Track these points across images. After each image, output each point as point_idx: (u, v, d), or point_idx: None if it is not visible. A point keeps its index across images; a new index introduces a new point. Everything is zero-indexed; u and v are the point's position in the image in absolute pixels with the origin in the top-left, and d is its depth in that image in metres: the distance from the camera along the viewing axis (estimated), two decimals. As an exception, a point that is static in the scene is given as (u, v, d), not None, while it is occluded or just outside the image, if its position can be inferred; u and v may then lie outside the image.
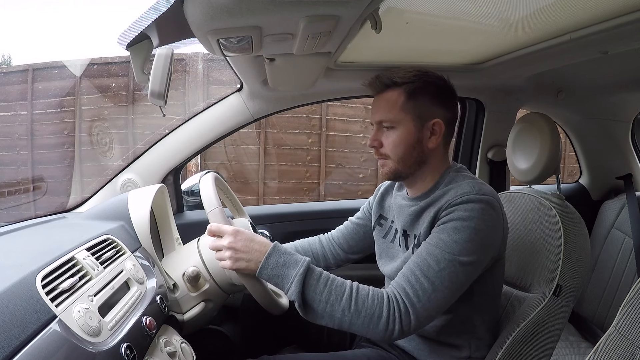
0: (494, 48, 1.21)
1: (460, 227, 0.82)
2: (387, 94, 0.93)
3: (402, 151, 0.92)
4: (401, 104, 0.90)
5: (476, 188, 0.86)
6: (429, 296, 0.80)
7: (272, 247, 0.84)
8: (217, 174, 1.06)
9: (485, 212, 0.83)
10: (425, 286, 0.80)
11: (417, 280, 0.81)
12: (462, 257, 0.81)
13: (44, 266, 0.69)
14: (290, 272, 0.81)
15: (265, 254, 0.82)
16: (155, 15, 0.67)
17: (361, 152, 3.85)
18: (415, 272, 0.82)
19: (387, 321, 0.79)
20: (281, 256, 0.82)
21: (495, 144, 1.63)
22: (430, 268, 0.81)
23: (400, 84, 0.91)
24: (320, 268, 0.84)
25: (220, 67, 3.33)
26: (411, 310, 0.80)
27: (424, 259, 0.83)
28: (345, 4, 0.67)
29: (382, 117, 0.93)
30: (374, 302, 0.80)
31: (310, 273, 0.81)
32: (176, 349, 0.85)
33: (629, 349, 0.66)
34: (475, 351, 0.95)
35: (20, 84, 3.28)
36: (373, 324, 0.79)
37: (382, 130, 0.94)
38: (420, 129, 0.91)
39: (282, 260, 0.82)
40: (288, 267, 0.81)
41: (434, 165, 0.95)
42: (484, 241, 0.83)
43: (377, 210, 1.10)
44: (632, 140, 1.80)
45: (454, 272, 0.81)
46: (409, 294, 0.81)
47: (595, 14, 0.90)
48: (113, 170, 1.40)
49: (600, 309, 1.58)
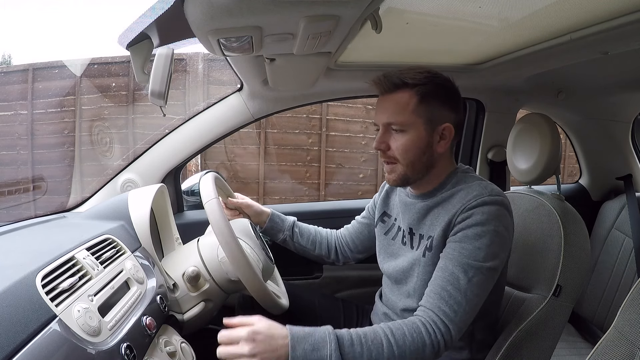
0: (494, 48, 1.21)
1: (481, 233, 0.83)
2: (397, 94, 0.89)
3: (412, 156, 0.89)
4: (413, 107, 0.87)
5: (488, 189, 0.86)
6: (464, 308, 0.81)
7: (290, 336, 0.75)
8: (217, 174, 1.06)
9: (500, 212, 0.84)
10: (459, 299, 0.81)
11: (450, 295, 0.82)
12: (487, 263, 0.82)
13: (43, 266, 0.69)
14: (323, 353, 0.74)
15: (290, 347, 0.74)
16: (155, 15, 0.67)
17: (361, 152, 3.85)
18: (446, 287, 0.83)
19: (432, 345, 0.79)
20: (305, 341, 0.75)
21: (495, 145, 1.63)
22: (460, 281, 0.82)
23: (412, 86, 0.88)
24: (345, 329, 0.78)
25: (220, 67, 3.33)
26: (451, 326, 0.81)
27: (451, 272, 0.83)
28: (345, 4, 0.67)
29: (392, 119, 0.89)
30: (413, 337, 0.79)
31: (342, 343, 0.75)
32: (176, 349, 0.85)
33: (629, 349, 0.66)
34: (475, 352, 0.95)
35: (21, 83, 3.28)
36: (419, 355, 0.79)
37: (390, 133, 0.91)
38: (430, 134, 0.89)
39: (309, 346, 0.74)
40: (318, 349, 0.74)
41: (441, 168, 0.94)
42: (502, 242, 0.85)
43: (381, 207, 1.10)
44: (632, 141, 1.80)
45: (482, 279, 0.82)
46: (445, 311, 0.81)
47: (595, 14, 0.90)
48: (113, 170, 1.40)
49: (600, 309, 1.58)
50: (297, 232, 1.23)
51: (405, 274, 0.96)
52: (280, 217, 1.24)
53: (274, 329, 0.76)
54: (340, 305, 1.21)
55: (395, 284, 1.01)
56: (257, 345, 0.73)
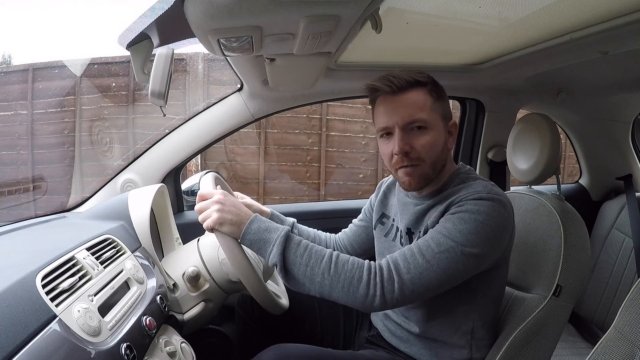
0: (494, 48, 1.21)
1: (467, 219, 0.81)
2: (412, 93, 0.87)
3: (436, 154, 0.88)
4: (431, 104, 0.87)
5: (488, 188, 0.86)
6: (421, 272, 0.79)
7: (254, 215, 0.86)
8: (217, 174, 1.06)
9: (494, 209, 0.82)
10: (420, 262, 0.80)
11: (412, 255, 0.81)
12: (465, 248, 0.80)
13: (44, 266, 0.69)
14: (271, 235, 0.82)
15: (250, 219, 0.84)
16: (155, 15, 0.67)
17: (361, 152, 3.85)
18: (412, 249, 0.82)
19: (368, 286, 0.79)
20: (263, 222, 0.85)
21: (495, 144, 1.63)
22: (429, 248, 0.81)
23: (424, 84, 0.88)
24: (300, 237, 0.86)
25: (220, 67, 3.33)
26: (396, 279, 0.79)
27: (425, 240, 0.82)
28: (345, 4, 0.67)
29: (416, 116, 0.86)
30: (353, 266, 0.80)
31: (291, 238, 0.83)
32: (176, 349, 0.85)
33: (629, 349, 0.66)
34: (475, 352, 0.95)
35: (21, 83, 3.28)
36: (353, 288, 0.79)
37: (410, 133, 0.87)
38: (445, 130, 0.90)
39: (264, 226, 0.84)
40: (270, 231, 0.83)
41: (447, 167, 0.94)
42: (489, 236, 0.82)
43: (379, 209, 1.09)
44: (632, 141, 1.80)
45: (452, 258, 0.80)
46: (398, 264, 0.81)
47: (595, 14, 0.90)
48: (113, 170, 1.40)
49: (600, 309, 1.58)
50: (296, 234, 1.23)
51: None
52: (280, 217, 1.24)
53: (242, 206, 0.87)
54: (340, 305, 1.21)
55: None
56: (224, 200, 0.85)
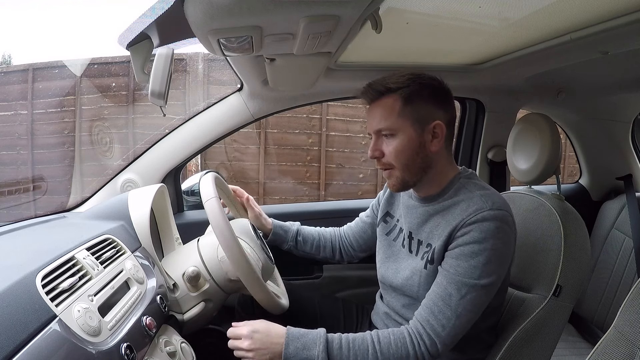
0: (494, 48, 1.21)
1: (477, 251, 0.82)
2: (382, 101, 0.90)
3: (405, 158, 0.90)
4: (398, 110, 0.88)
5: (489, 202, 0.85)
6: (453, 323, 0.83)
7: (286, 335, 0.84)
8: (217, 174, 1.06)
9: (500, 229, 0.83)
10: (449, 315, 0.83)
11: (440, 311, 0.83)
12: (483, 280, 0.82)
13: (44, 266, 0.69)
14: (312, 352, 0.82)
15: (284, 345, 0.83)
16: (155, 15, 0.67)
17: (361, 152, 3.85)
18: (437, 303, 0.84)
19: (416, 357, 0.83)
20: (298, 341, 0.83)
21: (495, 145, 1.63)
22: (452, 297, 0.83)
23: (394, 90, 0.88)
24: (338, 334, 0.85)
25: (220, 67, 3.33)
26: (437, 340, 0.83)
27: (445, 288, 0.84)
28: (345, 4, 0.67)
29: (380, 126, 0.90)
30: (397, 346, 0.83)
31: (331, 345, 0.83)
32: (176, 349, 0.85)
33: (629, 349, 0.66)
34: (475, 352, 0.95)
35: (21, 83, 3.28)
36: None
37: (382, 139, 0.92)
38: (421, 134, 0.89)
39: (300, 345, 0.83)
40: (308, 349, 0.82)
41: (440, 169, 0.93)
42: (501, 259, 0.84)
43: (384, 207, 1.10)
44: (632, 141, 1.80)
45: (476, 297, 0.83)
46: (433, 325, 0.83)
47: (595, 14, 0.90)
48: (113, 170, 1.40)
49: (600, 309, 1.58)
50: (300, 241, 1.24)
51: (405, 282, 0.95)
52: (283, 227, 1.24)
53: (273, 329, 0.85)
54: (341, 305, 1.21)
55: (393, 291, 1.01)
56: (254, 342, 0.83)
